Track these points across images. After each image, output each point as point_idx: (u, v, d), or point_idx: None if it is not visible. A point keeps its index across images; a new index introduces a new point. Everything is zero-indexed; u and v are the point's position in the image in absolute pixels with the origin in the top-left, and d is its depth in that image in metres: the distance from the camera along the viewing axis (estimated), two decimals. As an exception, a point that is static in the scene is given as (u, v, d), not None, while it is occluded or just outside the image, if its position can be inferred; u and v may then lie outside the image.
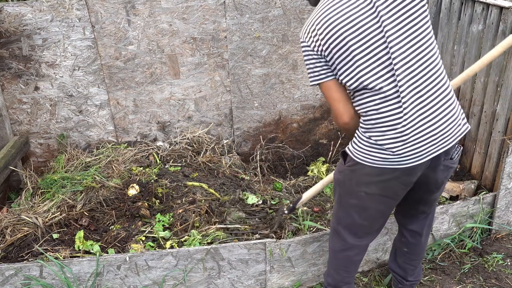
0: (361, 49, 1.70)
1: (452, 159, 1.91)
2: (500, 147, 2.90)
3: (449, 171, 1.95)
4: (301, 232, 2.69)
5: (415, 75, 1.72)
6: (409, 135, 1.76)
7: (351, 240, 2.04)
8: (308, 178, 3.41)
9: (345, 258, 2.12)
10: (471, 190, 3.07)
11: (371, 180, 1.85)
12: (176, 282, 2.36)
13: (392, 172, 1.81)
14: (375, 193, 1.88)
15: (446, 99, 1.78)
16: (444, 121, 1.78)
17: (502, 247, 2.79)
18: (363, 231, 2.04)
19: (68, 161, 3.44)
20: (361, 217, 1.97)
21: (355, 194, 1.92)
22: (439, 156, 1.84)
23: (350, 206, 1.97)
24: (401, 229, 2.26)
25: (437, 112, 1.77)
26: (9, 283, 2.25)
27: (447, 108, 1.78)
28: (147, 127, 3.71)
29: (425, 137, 1.77)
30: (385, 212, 1.98)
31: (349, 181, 1.92)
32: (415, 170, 1.83)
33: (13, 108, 3.46)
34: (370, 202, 1.91)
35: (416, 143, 1.77)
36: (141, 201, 2.93)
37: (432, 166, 1.87)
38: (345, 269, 2.15)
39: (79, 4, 3.19)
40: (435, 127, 1.77)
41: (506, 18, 2.76)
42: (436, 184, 1.98)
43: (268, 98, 3.73)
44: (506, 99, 2.81)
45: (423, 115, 1.75)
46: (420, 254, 2.27)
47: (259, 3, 3.39)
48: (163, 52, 3.45)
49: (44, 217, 2.79)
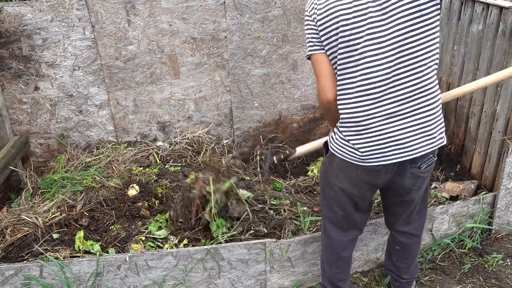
0: (347, 44, 1.73)
1: (419, 168, 1.88)
2: (500, 147, 2.90)
3: (418, 180, 1.92)
4: (301, 232, 2.69)
5: (397, 79, 1.72)
6: (371, 134, 1.77)
7: (335, 235, 2.10)
8: (308, 178, 3.41)
9: (333, 254, 2.16)
10: (471, 190, 3.07)
11: (341, 173, 1.91)
12: (176, 282, 2.37)
13: (356, 168, 1.86)
14: (344, 188, 1.94)
15: (424, 110, 1.76)
16: (413, 130, 1.77)
17: (502, 247, 2.79)
18: (345, 224, 2.09)
19: (68, 161, 3.44)
20: (340, 209, 2.03)
21: (331, 186, 1.99)
22: (404, 163, 1.83)
23: (330, 197, 2.04)
24: (389, 229, 2.30)
25: (407, 120, 1.76)
26: (9, 283, 2.25)
27: (421, 118, 1.77)
28: (147, 127, 3.71)
29: (388, 140, 1.77)
30: (358, 208, 2.03)
31: (327, 173, 2.00)
32: (378, 172, 1.84)
33: (13, 108, 3.46)
34: (341, 196, 1.98)
35: (378, 144, 1.78)
36: (141, 201, 2.93)
37: (399, 172, 1.87)
38: (335, 266, 2.19)
39: (79, 4, 3.19)
40: (401, 133, 1.77)
41: (506, 18, 2.75)
42: (405, 190, 1.96)
43: (268, 98, 3.73)
44: (506, 99, 2.81)
45: (392, 119, 1.76)
46: (412, 253, 2.27)
47: (259, 3, 3.39)
48: (163, 52, 3.45)
49: (44, 217, 2.79)
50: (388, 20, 1.68)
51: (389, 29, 1.68)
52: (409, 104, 1.75)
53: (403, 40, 1.68)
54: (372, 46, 1.70)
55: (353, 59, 1.73)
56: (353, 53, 1.73)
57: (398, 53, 1.70)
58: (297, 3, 3.43)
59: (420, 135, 1.78)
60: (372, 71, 1.72)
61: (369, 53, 1.71)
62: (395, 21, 1.68)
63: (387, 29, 1.68)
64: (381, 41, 1.69)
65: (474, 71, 3.13)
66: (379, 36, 1.69)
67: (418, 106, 1.75)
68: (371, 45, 1.70)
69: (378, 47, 1.70)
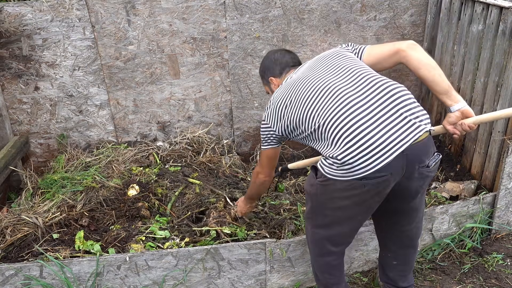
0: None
1: (428, 167, 1.87)
2: (500, 147, 2.90)
3: (425, 180, 1.91)
4: (301, 232, 2.69)
5: (352, 106, 1.81)
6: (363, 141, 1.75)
7: (329, 247, 2.04)
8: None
9: (325, 262, 2.11)
10: (471, 190, 3.07)
11: (343, 194, 1.84)
12: (176, 282, 2.37)
13: (362, 186, 1.79)
14: (348, 206, 1.88)
15: (400, 100, 1.81)
16: (397, 122, 1.77)
17: (502, 247, 2.79)
18: (340, 241, 2.04)
19: (68, 161, 3.44)
20: (336, 229, 1.98)
21: (328, 207, 1.92)
22: (413, 164, 1.81)
23: (325, 217, 1.97)
24: (384, 246, 2.23)
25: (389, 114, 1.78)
26: (9, 283, 2.25)
27: (399, 109, 1.79)
28: (147, 127, 3.71)
29: (379, 143, 1.75)
30: (360, 223, 1.99)
31: (322, 195, 1.92)
32: (387, 182, 1.79)
33: (13, 108, 3.46)
34: (342, 215, 1.92)
35: (374, 149, 1.74)
36: (141, 201, 2.93)
37: (407, 175, 1.83)
38: (328, 272, 2.14)
39: (79, 4, 3.19)
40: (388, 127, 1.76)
41: (506, 18, 2.75)
42: (411, 193, 1.93)
43: (268, 98, 3.72)
44: (506, 99, 2.81)
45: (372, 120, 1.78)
46: (411, 263, 2.25)
47: (259, 3, 3.39)
48: (163, 52, 3.45)
49: (44, 217, 2.79)
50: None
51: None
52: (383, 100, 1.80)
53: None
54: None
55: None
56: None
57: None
58: (297, 3, 3.44)
59: (401, 125, 1.77)
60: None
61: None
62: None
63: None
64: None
65: (474, 71, 3.13)
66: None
67: (391, 101, 1.79)
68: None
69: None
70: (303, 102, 1.93)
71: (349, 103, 1.81)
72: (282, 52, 2.44)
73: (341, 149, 1.77)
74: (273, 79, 2.37)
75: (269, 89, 2.45)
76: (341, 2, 3.48)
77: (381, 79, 1.88)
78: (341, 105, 1.81)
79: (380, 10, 3.55)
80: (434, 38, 3.59)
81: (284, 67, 2.35)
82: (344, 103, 1.82)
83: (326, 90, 1.89)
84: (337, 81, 1.91)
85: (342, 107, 1.81)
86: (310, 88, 1.95)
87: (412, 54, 1.93)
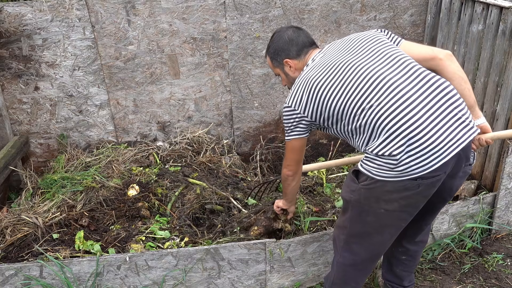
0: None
1: (470, 164, 1.90)
2: (500, 147, 2.90)
3: (465, 178, 1.94)
4: (301, 232, 2.69)
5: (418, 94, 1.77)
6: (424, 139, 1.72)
7: (365, 256, 1.98)
8: (308, 178, 3.41)
9: (355, 271, 2.05)
10: (471, 190, 3.07)
11: (392, 196, 1.78)
12: (176, 282, 2.37)
13: (417, 186, 1.74)
14: (394, 209, 1.81)
15: (452, 101, 1.78)
16: (451, 122, 1.75)
17: (502, 247, 2.79)
18: (381, 249, 1.98)
19: (68, 161, 3.44)
20: (379, 235, 1.90)
21: (372, 211, 1.84)
22: (460, 161, 1.80)
23: (364, 224, 1.89)
24: (397, 241, 2.11)
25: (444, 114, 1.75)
26: (9, 283, 2.25)
27: (453, 110, 1.76)
28: (147, 127, 3.71)
29: (441, 139, 1.72)
30: (402, 227, 1.92)
31: (366, 200, 1.84)
32: (438, 181, 1.77)
33: (13, 108, 3.46)
34: (389, 219, 1.85)
35: (435, 147, 1.71)
36: (141, 201, 2.93)
37: (451, 174, 1.82)
38: (354, 281, 2.08)
39: (79, 4, 3.19)
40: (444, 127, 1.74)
41: (506, 18, 2.76)
42: (451, 192, 1.94)
43: (268, 98, 3.73)
44: (506, 99, 2.81)
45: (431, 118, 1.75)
46: (418, 259, 2.27)
47: (259, 3, 3.39)
48: (163, 52, 3.45)
49: (44, 217, 2.79)
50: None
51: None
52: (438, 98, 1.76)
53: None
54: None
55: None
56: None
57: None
58: (297, 3, 3.43)
59: (457, 124, 1.75)
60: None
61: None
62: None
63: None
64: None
65: (474, 71, 3.13)
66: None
67: (446, 99, 1.76)
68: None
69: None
70: (352, 92, 1.81)
71: (407, 99, 1.74)
72: (294, 30, 2.16)
73: (398, 148, 1.70)
74: (289, 61, 2.13)
75: (281, 71, 2.21)
76: (341, 2, 3.48)
77: (431, 73, 1.83)
78: (399, 101, 1.74)
79: (380, 10, 3.55)
80: (434, 38, 3.59)
81: (301, 48, 2.11)
82: (402, 99, 1.74)
83: (379, 82, 1.79)
84: (389, 72, 1.81)
85: (400, 103, 1.74)
86: (359, 76, 1.83)
87: (449, 65, 1.92)
